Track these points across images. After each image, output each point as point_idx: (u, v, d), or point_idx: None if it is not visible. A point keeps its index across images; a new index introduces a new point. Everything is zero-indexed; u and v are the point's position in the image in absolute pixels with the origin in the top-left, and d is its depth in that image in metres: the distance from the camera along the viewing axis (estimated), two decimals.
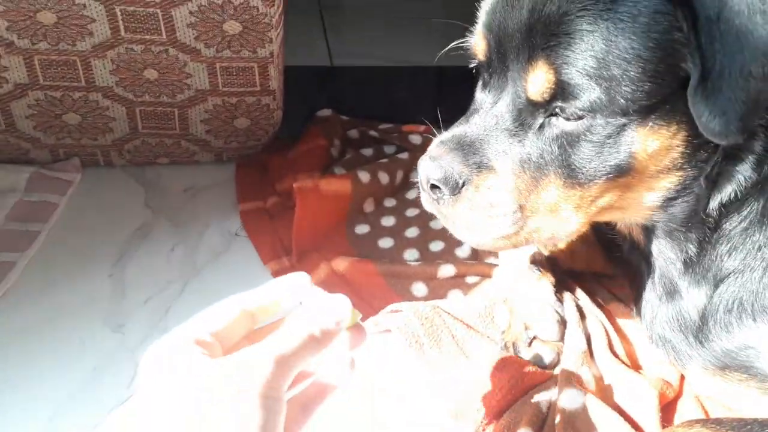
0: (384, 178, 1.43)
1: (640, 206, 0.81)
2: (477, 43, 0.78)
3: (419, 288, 1.20)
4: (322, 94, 1.72)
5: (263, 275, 1.21)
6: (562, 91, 0.69)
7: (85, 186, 1.40)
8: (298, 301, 0.59)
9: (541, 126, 0.73)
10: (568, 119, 0.71)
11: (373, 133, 1.59)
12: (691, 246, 0.83)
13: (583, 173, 0.73)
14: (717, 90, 0.64)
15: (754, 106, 0.65)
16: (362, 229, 1.33)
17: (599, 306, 1.09)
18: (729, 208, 0.79)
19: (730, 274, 0.81)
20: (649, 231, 0.85)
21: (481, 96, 0.80)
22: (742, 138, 0.68)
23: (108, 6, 1.26)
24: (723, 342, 0.83)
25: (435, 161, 0.75)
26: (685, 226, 0.82)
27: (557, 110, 0.72)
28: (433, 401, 0.95)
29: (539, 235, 0.78)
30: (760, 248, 0.79)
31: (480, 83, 0.81)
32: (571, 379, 0.94)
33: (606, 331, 1.03)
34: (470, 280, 1.22)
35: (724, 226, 0.80)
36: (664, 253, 0.86)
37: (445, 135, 0.78)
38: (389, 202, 1.41)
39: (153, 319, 1.11)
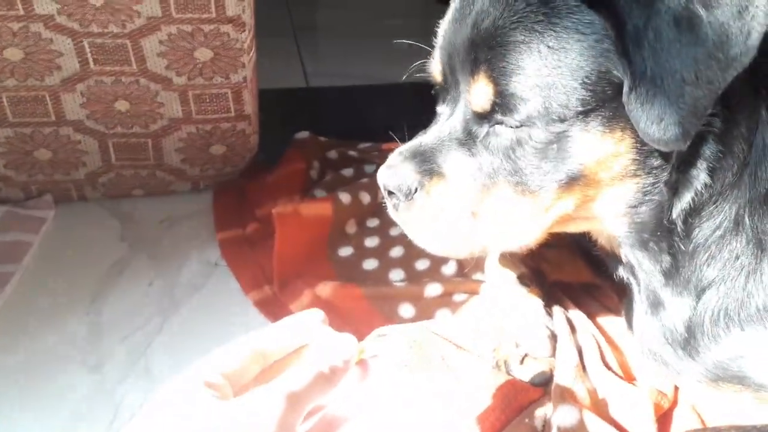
0: (365, 197, 1.40)
1: (603, 215, 0.80)
2: (433, 62, 0.83)
3: (406, 309, 1.18)
4: (299, 117, 1.70)
5: (245, 306, 1.18)
6: (501, 101, 0.72)
7: (59, 223, 1.37)
8: (308, 340, 0.61)
9: (487, 135, 0.76)
10: (510, 127, 0.74)
11: (352, 153, 1.57)
12: (665, 257, 0.82)
13: (531, 180, 0.75)
14: (651, 96, 0.65)
15: (692, 112, 0.66)
16: (345, 251, 1.31)
17: (589, 317, 1.07)
18: (697, 216, 0.79)
19: (711, 283, 0.81)
20: (625, 242, 0.85)
21: (440, 109, 0.83)
22: (684, 144, 0.68)
23: (76, 39, 1.23)
24: (713, 354, 0.82)
25: (390, 169, 0.79)
26: (655, 235, 0.81)
27: (500, 119, 0.74)
28: (426, 424, 0.92)
29: (495, 241, 0.79)
30: (737, 257, 0.79)
31: (441, 98, 0.84)
32: (565, 395, 0.91)
33: (597, 343, 1.01)
34: (458, 298, 1.19)
35: (697, 235, 0.80)
36: (644, 265, 0.85)
37: (404, 146, 0.82)
38: (372, 222, 1.39)
39: (132, 358, 1.07)
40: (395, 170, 0.79)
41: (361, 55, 2.07)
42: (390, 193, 0.80)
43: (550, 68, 0.70)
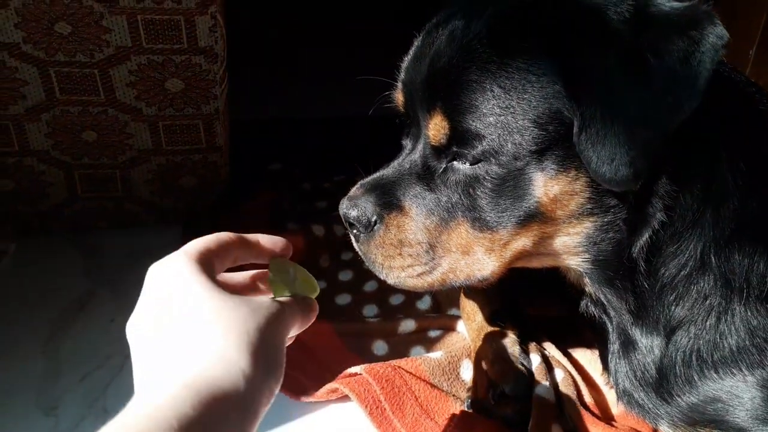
0: (339, 230, 1.38)
1: (563, 252, 0.80)
2: (396, 96, 0.84)
3: (379, 346, 1.14)
4: (271, 148, 1.67)
5: None
6: (456, 137, 0.74)
7: (20, 256, 1.32)
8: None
9: (445, 170, 0.78)
10: (467, 164, 0.75)
11: (326, 185, 1.55)
12: (629, 296, 0.81)
13: (489, 217, 0.75)
14: (602, 137, 0.66)
15: (643, 153, 0.66)
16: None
17: (566, 354, 1.04)
18: (660, 255, 0.78)
19: (680, 323, 0.80)
20: (591, 279, 0.84)
21: (404, 142, 0.85)
22: (636, 184, 0.69)
23: (41, 68, 1.20)
24: (687, 397, 0.81)
25: (351, 201, 0.81)
26: (618, 273, 0.80)
27: (456, 155, 0.76)
28: None
29: (454, 276, 0.80)
30: (706, 297, 0.79)
31: (405, 130, 0.86)
32: None
33: (575, 381, 0.98)
34: (432, 333, 1.16)
35: (663, 274, 0.79)
36: (612, 302, 0.84)
37: (366, 179, 0.83)
38: (346, 256, 1.36)
39: (89, 398, 1.02)
40: (356, 202, 0.80)
41: (335, 88, 2.06)
42: (351, 224, 0.82)
43: (502, 107, 0.71)
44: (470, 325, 1.07)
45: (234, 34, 1.34)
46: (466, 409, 0.95)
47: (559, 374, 0.99)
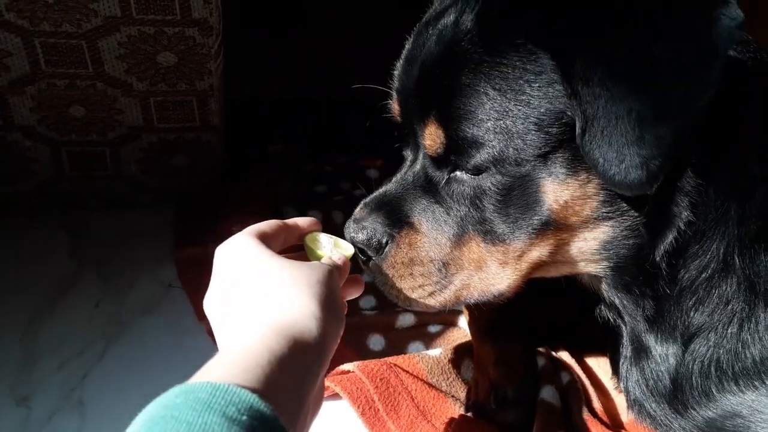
0: (338, 216, 1.31)
1: (580, 259, 0.75)
2: (393, 106, 0.80)
3: (376, 341, 1.08)
4: (272, 128, 1.59)
5: (198, 333, 1.07)
6: (453, 146, 0.69)
7: (3, 237, 1.26)
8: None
9: (448, 181, 0.73)
10: (468, 173, 0.71)
11: (328, 168, 1.48)
12: (647, 302, 0.76)
13: (500, 229, 0.71)
14: (607, 137, 0.61)
15: (657, 152, 0.60)
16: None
17: (576, 357, 0.97)
18: (682, 257, 0.72)
19: (699, 330, 0.74)
20: (606, 284, 0.79)
21: (405, 154, 0.80)
22: (651, 188, 0.62)
23: (25, 38, 1.14)
24: (704, 410, 0.75)
25: (358, 223, 0.77)
26: (637, 279, 0.75)
27: (457, 166, 0.71)
28: None
29: (468, 292, 0.75)
30: (728, 302, 0.72)
31: (404, 141, 0.81)
32: None
33: (583, 386, 0.91)
34: (432, 329, 1.10)
35: (683, 277, 0.73)
36: (627, 308, 0.78)
37: (370, 197, 0.80)
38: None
39: (65, 388, 0.97)
40: (363, 224, 0.76)
41: (337, 67, 1.98)
42: (361, 249, 0.77)
43: (499, 111, 0.66)
44: (473, 322, 1.01)
45: (232, 5, 1.27)
46: (464, 413, 0.88)
47: (565, 377, 0.93)
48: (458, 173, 0.72)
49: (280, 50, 1.73)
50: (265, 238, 0.65)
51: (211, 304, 0.62)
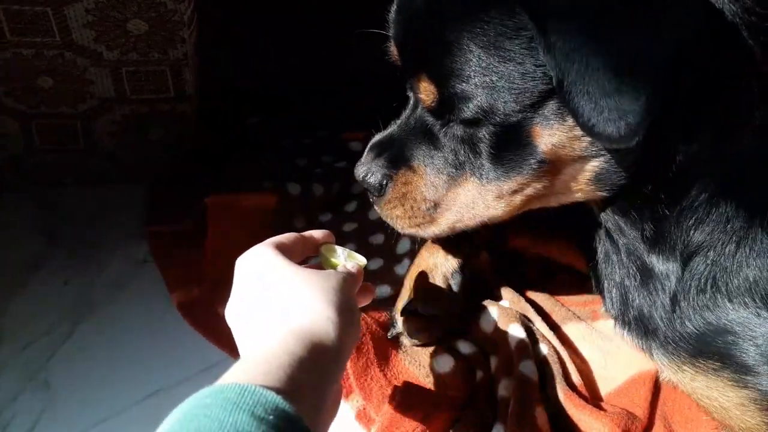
0: (318, 189, 1.27)
1: (575, 190, 0.76)
2: (391, 50, 0.80)
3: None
4: (252, 103, 1.54)
5: (170, 310, 1.03)
6: (445, 101, 0.71)
7: None
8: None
9: (446, 130, 0.76)
10: (462, 125, 0.73)
11: (308, 141, 1.43)
12: (647, 225, 0.77)
13: (495, 173, 0.74)
14: (585, 89, 0.60)
15: (635, 105, 0.59)
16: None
17: (554, 328, 0.94)
18: (683, 179, 0.72)
19: (699, 248, 0.76)
20: (602, 209, 0.81)
21: (409, 95, 0.82)
22: (631, 141, 0.61)
23: None
24: (697, 324, 0.78)
25: (363, 166, 0.82)
26: (635, 203, 0.76)
27: (451, 118, 0.74)
28: None
29: (463, 224, 0.80)
30: (728, 220, 0.74)
31: (407, 85, 0.82)
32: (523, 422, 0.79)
33: (560, 358, 0.88)
34: None
35: (682, 198, 0.74)
36: (625, 231, 0.81)
37: (374, 139, 0.84)
38: (325, 217, 1.25)
39: (30, 369, 0.93)
40: (369, 167, 0.81)
41: (319, 41, 1.91)
42: (368, 190, 0.83)
43: (483, 67, 0.67)
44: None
45: None
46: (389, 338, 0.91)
47: (543, 350, 0.89)
48: (454, 124, 0.75)
49: (258, 25, 1.67)
50: (284, 249, 0.69)
51: (232, 312, 0.65)
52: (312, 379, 0.54)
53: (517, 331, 0.89)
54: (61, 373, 0.92)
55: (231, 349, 0.97)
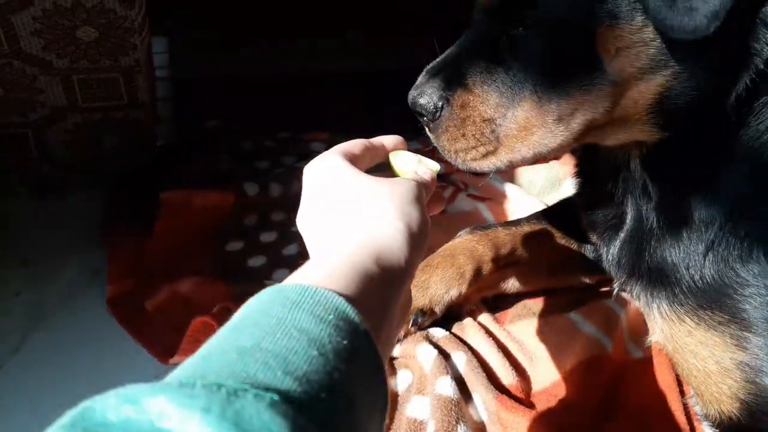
0: (276, 189, 1.26)
1: (634, 116, 0.72)
2: None
3: None
4: (216, 106, 1.53)
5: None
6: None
7: None
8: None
9: (507, 40, 0.72)
10: (525, 30, 0.70)
11: (269, 143, 1.42)
12: (696, 167, 0.73)
13: (556, 87, 0.69)
14: None
15: None
16: (235, 246, 1.15)
17: (483, 327, 0.93)
18: (755, 102, 0.68)
19: (743, 197, 0.72)
20: (648, 156, 0.77)
21: (473, 20, 0.78)
22: (708, 29, 0.59)
23: None
24: (722, 275, 0.74)
25: (417, 89, 0.76)
26: (689, 139, 0.72)
27: (514, 22, 0.70)
28: None
29: (520, 155, 0.74)
30: None
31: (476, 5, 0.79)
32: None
33: (484, 364, 0.87)
34: None
35: (747, 131, 0.70)
36: (667, 178, 0.77)
37: (431, 63, 0.78)
38: (277, 216, 1.24)
39: None
40: (422, 89, 0.76)
41: (282, 44, 1.91)
42: (420, 113, 0.77)
43: None
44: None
45: None
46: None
47: (460, 358, 0.86)
48: (516, 32, 0.71)
49: (216, 28, 1.67)
50: (351, 157, 0.66)
51: (303, 219, 0.63)
52: (377, 289, 0.52)
53: (430, 353, 0.86)
54: (9, 387, 0.90)
55: (152, 346, 0.95)
